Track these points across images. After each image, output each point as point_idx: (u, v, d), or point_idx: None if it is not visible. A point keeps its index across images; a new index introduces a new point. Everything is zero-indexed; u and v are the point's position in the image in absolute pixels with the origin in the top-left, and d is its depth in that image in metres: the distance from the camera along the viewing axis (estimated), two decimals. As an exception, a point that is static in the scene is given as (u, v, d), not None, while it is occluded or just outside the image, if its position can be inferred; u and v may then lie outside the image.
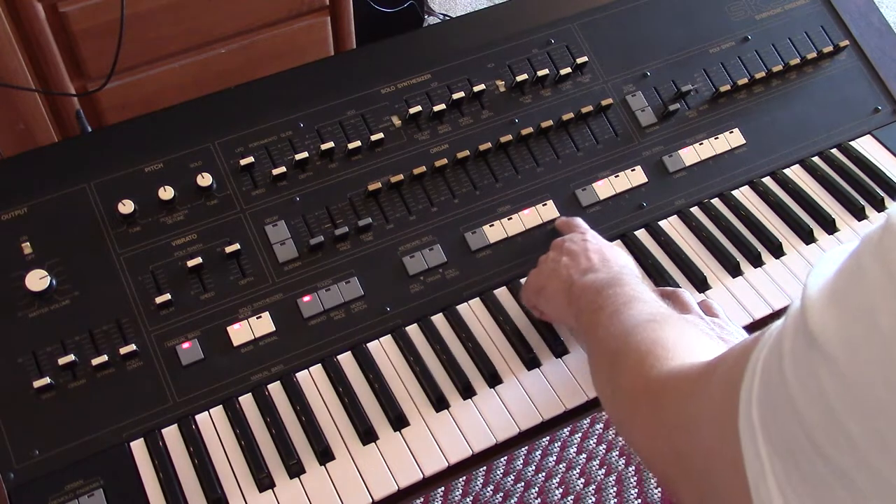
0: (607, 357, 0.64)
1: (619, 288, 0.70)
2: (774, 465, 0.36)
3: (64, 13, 1.16)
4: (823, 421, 0.32)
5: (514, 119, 0.96)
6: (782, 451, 0.35)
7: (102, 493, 0.73)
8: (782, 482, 0.35)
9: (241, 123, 0.91)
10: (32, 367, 0.77)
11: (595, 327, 0.68)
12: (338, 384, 0.80)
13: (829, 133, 1.04)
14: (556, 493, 1.41)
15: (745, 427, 0.38)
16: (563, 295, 0.77)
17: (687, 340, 0.60)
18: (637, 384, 0.58)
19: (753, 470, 0.37)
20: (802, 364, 0.34)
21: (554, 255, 0.82)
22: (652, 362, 0.57)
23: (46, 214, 0.83)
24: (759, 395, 0.38)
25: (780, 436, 0.36)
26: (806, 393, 0.33)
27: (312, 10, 1.36)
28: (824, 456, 0.32)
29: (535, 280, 0.83)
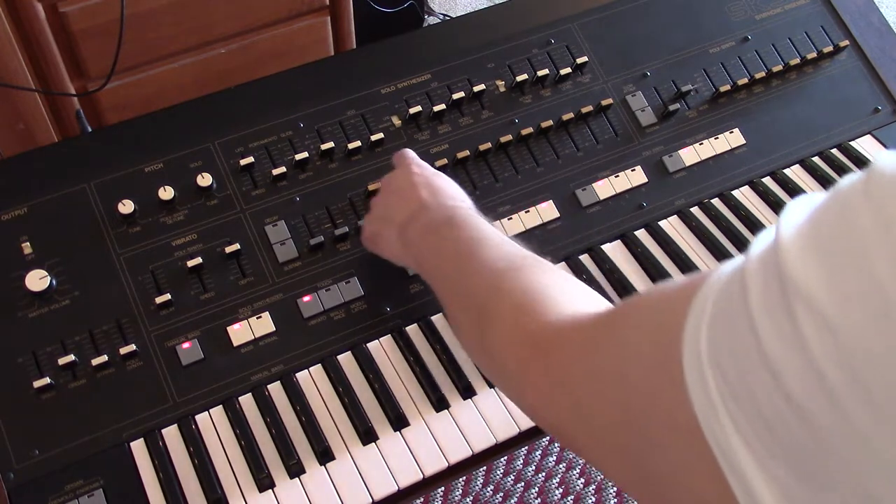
0: (472, 311, 0.60)
1: (457, 230, 0.66)
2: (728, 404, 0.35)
3: (64, 13, 1.16)
4: (797, 365, 0.31)
5: (514, 119, 0.96)
6: (737, 387, 0.34)
7: (102, 493, 0.73)
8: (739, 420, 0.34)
9: (241, 123, 0.91)
10: (32, 367, 0.77)
11: (445, 277, 0.65)
12: (338, 384, 0.80)
13: (829, 133, 1.04)
14: (556, 493, 1.41)
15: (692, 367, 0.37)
16: (397, 240, 0.74)
17: (558, 287, 0.57)
18: (519, 340, 0.54)
19: (703, 410, 0.36)
20: (776, 308, 0.32)
21: (382, 196, 0.78)
22: (532, 315, 0.54)
23: (46, 214, 0.83)
24: (709, 333, 0.36)
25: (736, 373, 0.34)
26: (779, 337, 0.32)
27: (312, 10, 1.36)
28: (788, 396, 0.32)
29: (368, 227, 0.80)
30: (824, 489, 0.32)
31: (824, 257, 0.31)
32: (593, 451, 0.49)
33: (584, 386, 0.47)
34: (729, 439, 0.35)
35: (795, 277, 0.31)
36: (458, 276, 0.63)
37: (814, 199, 0.34)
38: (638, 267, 0.91)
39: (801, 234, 0.32)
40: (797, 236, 0.32)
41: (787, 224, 0.33)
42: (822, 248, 0.31)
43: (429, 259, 0.69)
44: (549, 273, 0.59)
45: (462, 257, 0.63)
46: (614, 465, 0.47)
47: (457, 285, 0.63)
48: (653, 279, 0.89)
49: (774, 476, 0.33)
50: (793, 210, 0.34)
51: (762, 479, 0.34)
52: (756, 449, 0.34)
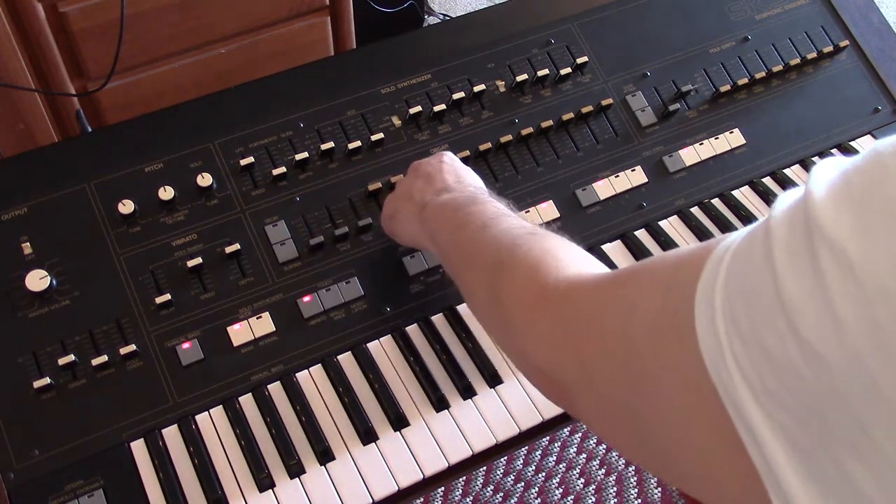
0: (487, 268, 0.61)
1: (480, 206, 0.68)
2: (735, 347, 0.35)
3: (64, 13, 1.16)
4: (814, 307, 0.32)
5: (514, 119, 0.96)
6: (749, 335, 0.35)
7: (102, 493, 0.73)
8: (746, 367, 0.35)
9: (241, 123, 0.91)
10: (32, 367, 0.77)
11: (462, 242, 0.66)
12: (338, 384, 0.80)
13: (829, 133, 1.04)
14: (556, 493, 1.41)
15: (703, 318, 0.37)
16: (415, 217, 0.75)
17: (575, 252, 0.58)
18: (531, 290, 0.55)
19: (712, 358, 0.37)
20: (799, 252, 0.33)
21: (409, 177, 0.80)
22: (546, 270, 0.55)
23: (46, 214, 0.83)
24: (725, 283, 0.37)
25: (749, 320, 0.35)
26: (799, 279, 0.33)
27: (312, 10, 1.36)
28: (801, 339, 0.32)
29: (390, 205, 0.82)
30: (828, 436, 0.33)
31: (855, 208, 0.32)
32: (594, 409, 0.49)
33: (590, 341, 0.48)
34: (737, 388, 0.35)
35: (823, 223, 0.32)
36: (476, 241, 0.64)
37: (842, 160, 0.35)
38: (638, 267, 0.91)
39: (832, 187, 0.33)
40: (829, 189, 0.33)
41: (817, 180, 0.34)
42: (853, 200, 0.32)
43: (446, 231, 0.70)
44: (566, 241, 0.61)
45: (482, 227, 0.65)
46: (615, 426, 0.48)
47: (473, 248, 0.65)
48: (653, 279, 0.89)
49: (781, 424, 0.34)
50: (823, 168, 0.35)
51: (768, 427, 0.34)
52: (763, 397, 0.34)
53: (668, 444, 0.43)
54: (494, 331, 0.65)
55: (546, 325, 0.53)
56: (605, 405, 0.48)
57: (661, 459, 0.45)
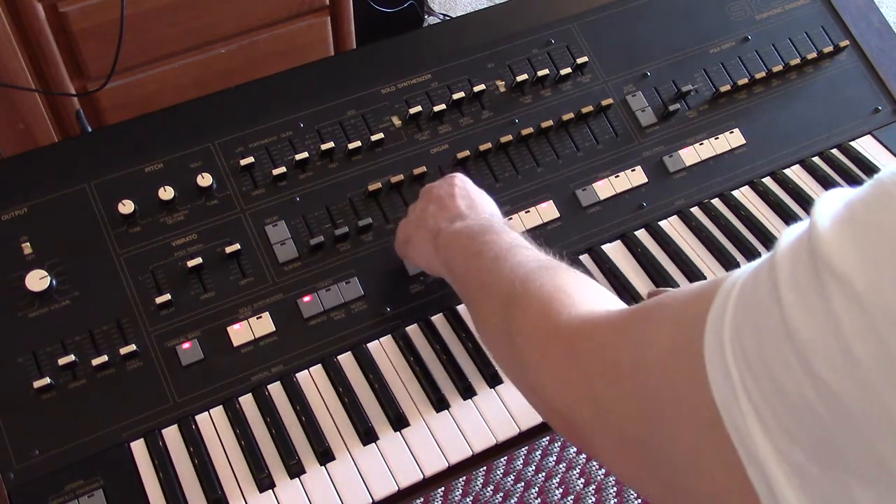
0: (500, 302, 0.61)
1: (494, 235, 0.68)
2: (748, 385, 0.35)
3: (64, 13, 1.15)
4: (825, 341, 0.32)
5: (514, 119, 0.96)
6: (759, 371, 0.35)
7: (102, 493, 0.73)
8: (759, 404, 0.35)
9: (241, 123, 0.91)
10: (32, 367, 0.77)
11: (476, 273, 0.67)
12: (338, 384, 0.80)
13: (830, 133, 1.04)
14: (556, 493, 1.41)
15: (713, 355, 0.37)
16: (429, 243, 0.75)
17: (586, 288, 0.58)
18: (544, 327, 0.55)
19: (723, 396, 0.37)
20: (807, 287, 0.33)
21: (422, 203, 0.80)
22: (559, 308, 0.55)
23: (46, 214, 0.83)
24: (733, 321, 0.37)
25: (760, 358, 0.35)
26: (808, 315, 0.32)
27: (312, 10, 1.36)
28: (814, 376, 0.32)
29: (403, 230, 0.82)
30: (843, 471, 0.33)
31: (861, 240, 0.32)
32: (608, 447, 0.49)
33: (604, 379, 0.48)
34: (748, 425, 0.35)
35: (829, 257, 0.32)
36: (490, 275, 0.64)
37: (846, 192, 0.35)
38: (638, 267, 0.91)
39: (837, 219, 0.33)
40: (833, 221, 0.33)
41: (821, 212, 0.34)
42: (858, 232, 0.32)
43: (460, 261, 0.70)
44: (579, 276, 0.61)
45: (495, 259, 0.65)
46: (629, 463, 0.48)
47: (487, 282, 0.65)
48: (653, 279, 0.89)
49: (792, 461, 0.34)
50: (826, 200, 0.35)
51: (778, 465, 0.34)
52: (775, 434, 0.34)
53: (682, 482, 0.42)
54: (507, 366, 0.64)
55: (559, 363, 0.53)
56: (619, 443, 0.48)
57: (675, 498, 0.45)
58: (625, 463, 0.48)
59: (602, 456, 0.51)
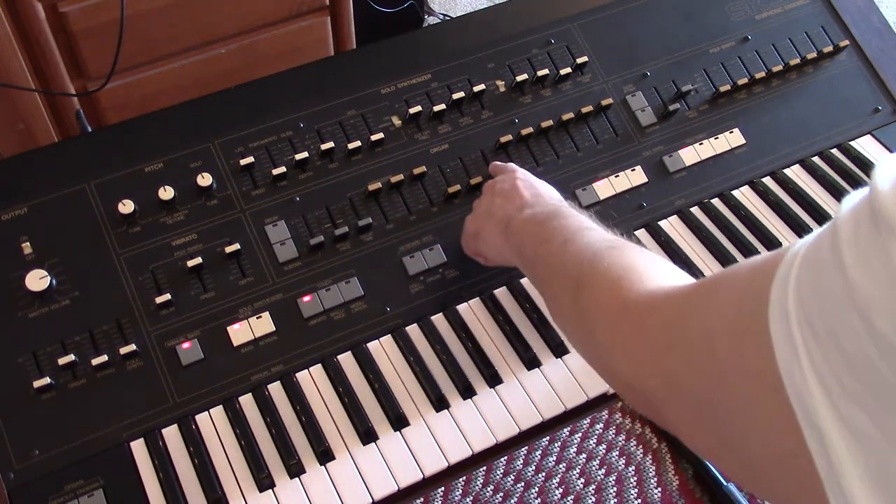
0: (570, 282, 0.63)
1: (562, 220, 0.70)
2: (810, 347, 0.36)
3: (64, 13, 1.16)
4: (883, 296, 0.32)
5: (514, 119, 0.96)
6: (822, 333, 0.35)
7: (102, 493, 0.73)
8: (819, 365, 0.35)
9: (241, 123, 0.91)
10: (32, 367, 0.77)
11: (546, 257, 0.69)
12: (338, 384, 0.80)
13: (830, 133, 1.04)
14: (556, 493, 1.41)
15: (777, 320, 0.38)
16: (500, 234, 0.77)
17: (656, 264, 0.60)
18: (614, 304, 0.57)
19: (785, 360, 0.37)
20: (868, 246, 0.33)
21: (487, 197, 0.83)
22: (628, 285, 0.57)
23: (46, 214, 0.83)
24: (796, 286, 0.38)
25: (822, 319, 0.35)
26: (868, 272, 0.33)
27: (312, 10, 1.36)
28: (876, 333, 0.33)
29: (472, 224, 0.84)
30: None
31: None
32: (680, 418, 0.51)
33: (673, 352, 0.49)
34: (809, 387, 0.36)
35: (890, 215, 0.32)
36: (560, 256, 0.66)
37: None
38: (638, 267, 0.91)
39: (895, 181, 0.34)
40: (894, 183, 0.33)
41: (881, 175, 0.34)
42: None
43: (531, 246, 0.72)
44: (645, 253, 0.63)
45: (564, 242, 0.67)
46: (700, 432, 0.49)
47: (557, 263, 0.67)
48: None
49: (850, 424, 0.34)
50: (886, 164, 0.35)
51: (836, 428, 0.35)
52: (834, 395, 0.35)
53: (749, 448, 0.44)
54: (580, 345, 0.66)
55: (629, 339, 0.55)
56: (690, 413, 0.49)
57: (745, 466, 0.46)
58: (696, 433, 0.50)
59: (675, 427, 0.52)
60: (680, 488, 1.42)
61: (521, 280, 0.88)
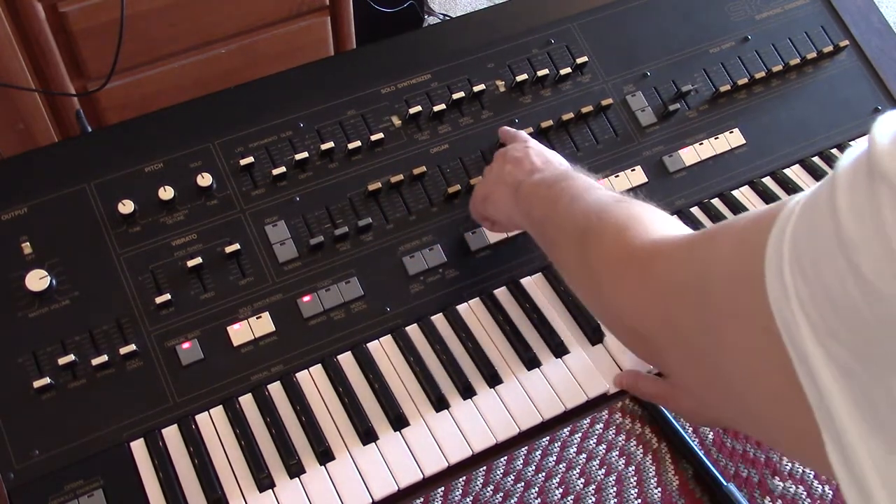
0: (577, 236, 0.65)
1: (571, 181, 0.72)
2: (799, 289, 0.38)
3: (64, 13, 1.15)
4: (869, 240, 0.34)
5: (515, 119, 0.96)
6: (812, 276, 0.37)
7: (102, 493, 0.73)
8: (807, 305, 0.37)
9: (241, 123, 0.91)
10: (32, 367, 0.77)
11: (554, 216, 0.70)
12: (338, 384, 0.80)
13: (830, 133, 1.04)
14: (556, 493, 1.41)
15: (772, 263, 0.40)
16: (510, 197, 0.79)
17: (660, 217, 0.62)
18: (619, 253, 0.59)
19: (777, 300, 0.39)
20: (861, 195, 0.35)
21: (497, 163, 0.84)
22: (632, 234, 0.59)
23: (46, 214, 0.83)
24: (793, 231, 0.39)
25: (812, 263, 0.37)
26: (858, 218, 0.35)
27: (312, 10, 1.36)
28: (860, 276, 0.34)
29: (482, 189, 0.85)
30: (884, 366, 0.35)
31: None
32: (678, 361, 0.53)
33: (674, 296, 0.52)
34: (798, 325, 0.38)
35: (884, 167, 0.34)
36: (568, 212, 0.68)
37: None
38: (638, 267, 0.91)
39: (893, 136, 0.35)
40: (892, 137, 0.35)
41: (879, 130, 0.36)
42: None
43: (539, 207, 0.74)
44: (650, 207, 0.65)
45: (572, 199, 0.69)
46: (696, 376, 0.52)
47: (565, 219, 0.69)
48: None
49: (837, 360, 0.36)
50: (885, 120, 0.36)
51: (824, 363, 0.37)
52: (822, 333, 0.37)
53: (743, 388, 0.46)
54: (585, 294, 0.69)
55: (633, 283, 0.57)
56: (687, 356, 0.52)
57: (737, 405, 0.48)
58: (692, 376, 0.53)
59: (673, 370, 0.55)
60: (680, 488, 1.42)
61: (522, 280, 0.88)
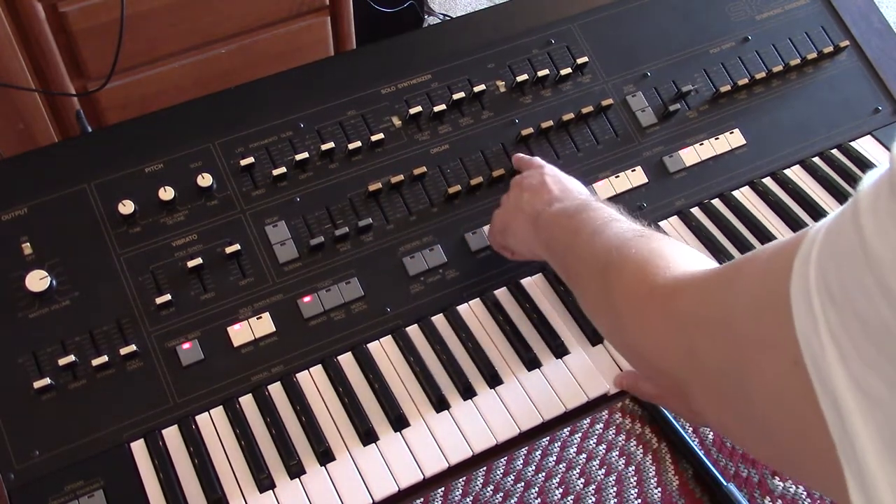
0: (598, 270, 0.65)
1: (591, 212, 0.72)
2: (828, 314, 0.37)
3: (64, 13, 1.15)
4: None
5: (515, 119, 0.96)
6: (840, 299, 0.36)
7: (102, 493, 0.73)
8: (837, 331, 0.37)
9: (241, 123, 0.91)
10: (32, 367, 0.77)
11: (575, 248, 0.70)
12: (338, 384, 0.80)
13: (830, 133, 1.04)
14: (556, 493, 1.41)
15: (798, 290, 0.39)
16: (529, 227, 0.79)
17: (681, 251, 0.62)
18: (641, 289, 0.59)
19: (804, 328, 0.39)
20: (885, 213, 0.35)
21: (515, 192, 0.84)
22: (654, 270, 0.59)
23: (46, 214, 0.83)
24: (818, 257, 0.39)
25: (840, 286, 0.37)
26: (884, 237, 0.34)
27: (312, 10, 1.36)
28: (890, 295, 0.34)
29: (500, 219, 0.85)
30: None
31: None
32: (704, 396, 0.53)
33: (698, 330, 0.52)
34: (825, 354, 0.37)
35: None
36: (589, 245, 0.68)
37: None
38: (638, 267, 0.91)
39: None
40: None
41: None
42: None
43: (560, 238, 0.74)
44: (671, 241, 0.65)
45: (593, 233, 0.69)
46: (722, 410, 0.51)
47: (586, 252, 0.68)
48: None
49: (863, 387, 0.35)
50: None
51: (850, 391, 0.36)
52: (850, 359, 0.36)
53: (768, 423, 0.45)
54: (607, 330, 0.69)
55: (655, 319, 0.57)
56: (713, 391, 0.51)
57: (765, 441, 0.47)
58: (719, 411, 0.52)
59: (699, 406, 0.54)
60: (680, 488, 1.42)
61: (522, 280, 0.88)
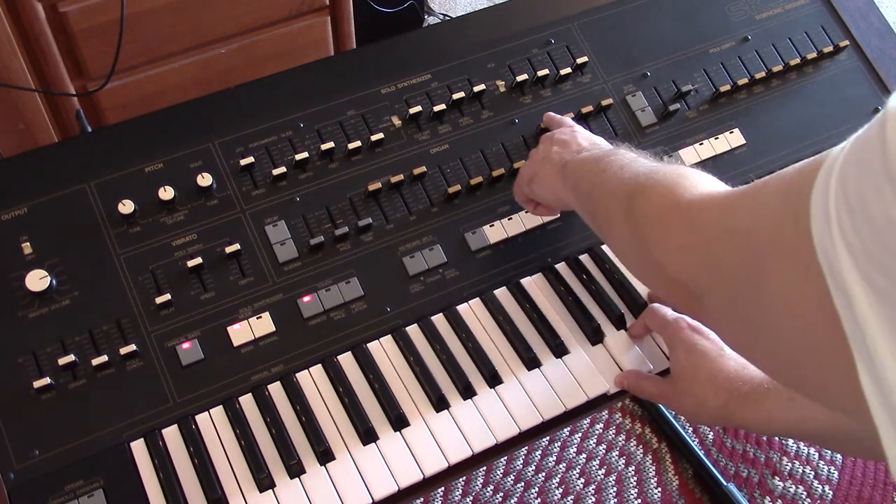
0: (625, 195, 0.67)
1: (618, 154, 0.74)
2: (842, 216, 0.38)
3: (64, 13, 1.15)
4: None
5: (515, 119, 0.96)
6: (854, 202, 0.38)
7: (102, 493, 0.73)
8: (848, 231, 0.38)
9: (241, 123, 0.91)
10: (32, 367, 0.77)
11: (602, 184, 0.72)
12: (338, 384, 0.80)
13: (829, 133, 1.04)
14: (556, 493, 1.41)
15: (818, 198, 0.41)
16: (557, 175, 0.81)
17: (706, 177, 0.64)
18: (668, 204, 0.61)
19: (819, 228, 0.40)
20: None
21: (544, 145, 0.86)
22: (681, 190, 0.61)
23: (46, 214, 0.83)
24: (841, 168, 0.40)
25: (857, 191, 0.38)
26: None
27: (312, 10, 1.36)
28: None
29: (527, 170, 0.86)
30: None
31: None
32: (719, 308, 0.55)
33: (720, 241, 0.54)
34: (838, 254, 0.39)
35: None
36: (617, 178, 0.71)
37: None
38: (638, 267, 0.91)
39: None
40: None
41: None
42: None
43: (586, 181, 0.76)
44: (697, 170, 0.67)
45: (621, 167, 0.71)
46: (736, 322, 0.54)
47: (613, 184, 0.71)
48: (653, 279, 0.89)
49: (874, 285, 0.37)
50: None
51: (861, 289, 0.38)
52: (860, 259, 0.38)
53: (781, 330, 0.47)
54: (629, 252, 0.71)
55: (681, 232, 0.59)
56: (728, 298, 0.53)
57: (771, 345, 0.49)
58: (732, 321, 0.54)
59: (713, 319, 0.57)
60: (680, 488, 1.42)
61: (522, 280, 0.88)
